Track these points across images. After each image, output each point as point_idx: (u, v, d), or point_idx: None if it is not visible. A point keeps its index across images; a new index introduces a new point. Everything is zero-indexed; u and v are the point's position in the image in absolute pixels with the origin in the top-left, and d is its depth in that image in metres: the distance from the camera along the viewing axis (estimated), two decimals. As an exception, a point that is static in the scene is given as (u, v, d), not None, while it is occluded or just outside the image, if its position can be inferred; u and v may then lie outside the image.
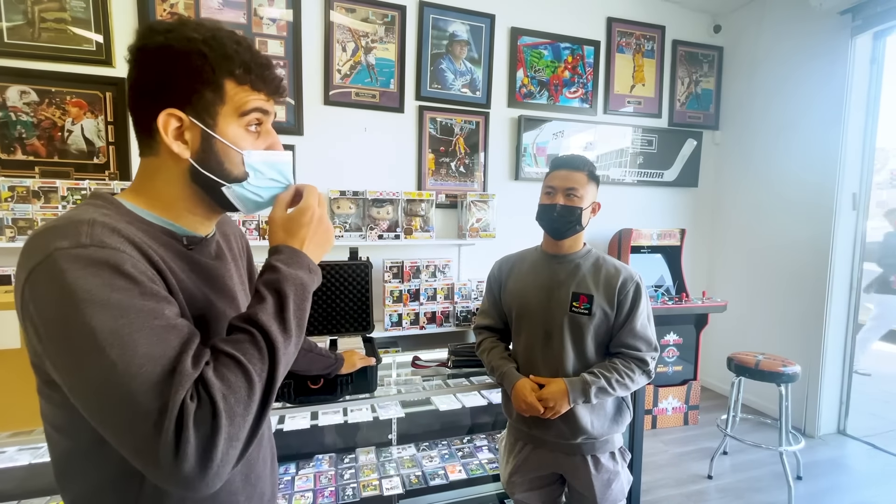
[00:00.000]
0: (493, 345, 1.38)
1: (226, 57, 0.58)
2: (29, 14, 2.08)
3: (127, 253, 0.52)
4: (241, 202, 0.65)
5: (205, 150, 0.60)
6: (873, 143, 2.74)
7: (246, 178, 0.63)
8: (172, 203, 0.63)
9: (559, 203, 1.25)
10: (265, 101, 0.63)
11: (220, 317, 0.66)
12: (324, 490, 1.80)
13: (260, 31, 2.40)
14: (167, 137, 0.58)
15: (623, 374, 1.20)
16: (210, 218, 0.68)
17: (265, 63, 0.62)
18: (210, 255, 0.69)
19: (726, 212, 3.49)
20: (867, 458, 2.63)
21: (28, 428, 1.06)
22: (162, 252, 0.58)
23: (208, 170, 0.61)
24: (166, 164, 0.61)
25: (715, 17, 3.39)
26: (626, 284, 1.24)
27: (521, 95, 2.93)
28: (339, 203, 2.43)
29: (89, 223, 0.52)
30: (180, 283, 0.59)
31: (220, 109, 0.59)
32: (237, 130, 0.61)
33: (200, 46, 0.57)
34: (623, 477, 1.31)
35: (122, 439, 0.49)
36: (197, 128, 0.59)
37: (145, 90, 0.59)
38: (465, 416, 2.32)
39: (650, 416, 2.93)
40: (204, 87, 0.58)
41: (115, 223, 0.53)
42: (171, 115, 0.57)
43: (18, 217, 1.99)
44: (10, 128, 2.10)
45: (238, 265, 0.78)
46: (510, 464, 1.36)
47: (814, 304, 2.84)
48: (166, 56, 0.57)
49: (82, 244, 0.50)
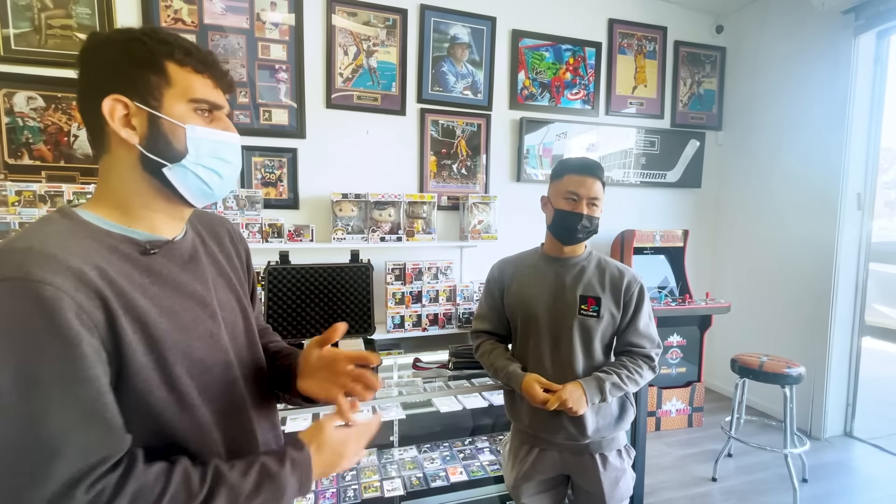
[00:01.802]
0: (493, 346, 1.37)
1: (163, 42, 0.60)
2: (35, 21, 2.12)
3: (55, 286, 0.49)
4: (184, 186, 0.62)
5: (152, 133, 0.59)
6: (878, 143, 2.73)
7: (187, 153, 0.61)
8: (129, 202, 0.62)
9: (584, 213, 1.24)
10: (213, 89, 0.63)
11: (187, 326, 0.62)
12: (325, 492, 1.80)
13: (262, 35, 2.42)
14: (114, 124, 0.58)
15: (632, 371, 1.23)
16: (173, 215, 0.66)
17: (207, 51, 0.63)
18: (180, 258, 0.66)
19: (729, 213, 3.47)
20: (874, 460, 2.60)
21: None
22: (116, 266, 0.56)
23: (156, 153, 0.60)
24: (118, 158, 0.61)
25: (717, 18, 3.38)
26: (631, 285, 1.27)
27: (522, 97, 2.94)
28: (341, 206, 2.45)
29: (23, 251, 0.50)
30: (126, 297, 0.56)
31: (166, 92, 0.60)
32: (183, 109, 0.61)
33: (138, 35, 0.59)
34: (629, 474, 1.32)
35: None
36: (143, 112, 0.59)
37: (90, 85, 0.60)
38: (467, 418, 2.32)
39: (654, 419, 2.91)
40: (146, 70, 0.59)
41: (52, 249, 0.51)
42: (116, 100, 0.58)
43: (25, 221, 2.01)
44: (18, 133, 2.13)
45: (218, 266, 0.73)
46: (516, 468, 1.35)
47: (819, 304, 2.82)
48: (106, 49, 0.59)
49: (5, 278, 0.48)
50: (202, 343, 0.64)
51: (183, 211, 0.67)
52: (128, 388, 0.55)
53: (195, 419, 0.61)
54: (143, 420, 0.57)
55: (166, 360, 0.58)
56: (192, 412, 0.61)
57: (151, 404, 0.57)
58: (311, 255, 2.43)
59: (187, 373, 0.61)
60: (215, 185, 0.65)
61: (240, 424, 0.68)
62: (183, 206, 0.66)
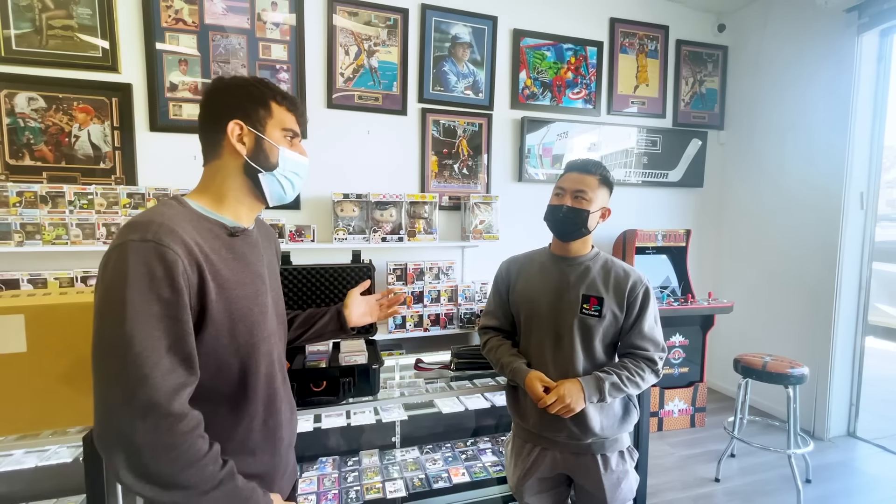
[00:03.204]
0: (499, 343, 1.38)
1: (271, 88, 0.87)
2: (36, 21, 2.11)
3: (175, 251, 0.70)
4: (269, 189, 0.88)
5: (256, 149, 0.85)
6: (881, 142, 2.71)
7: (277, 166, 0.87)
8: (226, 195, 0.85)
9: (566, 204, 1.26)
10: (296, 123, 0.90)
11: (250, 295, 0.84)
12: (327, 493, 1.80)
13: (263, 35, 2.42)
14: (232, 139, 0.82)
15: (633, 373, 1.22)
16: (252, 209, 0.90)
17: (293, 96, 0.91)
18: (249, 243, 0.88)
19: (732, 212, 3.46)
20: (878, 460, 2.59)
21: (34, 431, 1.07)
22: (210, 243, 0.78)
23: (256, 162, 0.85)
24: (226, 163, 0.84)
25: (719, 17, 3.37)
26: (635, 287, 1.25)
27: (523, 97, 2.93)
28: (342, 206, 2.44)
29: (158, 224, 0.71)
30: (214, 266, 0.77)
31: (269, 122, 0.86)
32: (278, 136, 0.87)
33: (254, 81, 0.86)
34: (632, 476, 1.31)
35: (99, 391, 0.68)
36: (252, 134, 0.84)
37: (217, 110, 0.84)
38: (469, 419, 2.31)
39: (656, 419, 2.90)
40: (259, 106, 0.85)
41: (174, 225, 0.72)
42: (237, 124, 0.83)
43: (27, 222, 2.02)
44: (19, 134, 2.13)
45: (269, 257, 0.97)
46: (518, 467, 1.35)
47: (822, 304, 2.81)
48: (234, 88, 0.85)
49: (146, 239, 0.69)
50: (259, 309, 0.85)
51: (259, 208, 0.92)
52: (205, 334, 0.75)
53: (244, 362, 0.82)
54: (207, 360, 0.76)
55: (234, 317, 0.79)
56: (242, 356, 0.82)
57: (217, 349, 0.78)
58: (313, 255, 2.43)
59: (246, 329, 0.82)
60: (288, 192, 0.91)
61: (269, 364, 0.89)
62: (261, 204, 0.91)
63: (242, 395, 0.83)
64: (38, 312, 1.00)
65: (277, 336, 0.93)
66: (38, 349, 1.00)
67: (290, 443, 0.98)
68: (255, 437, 0.85)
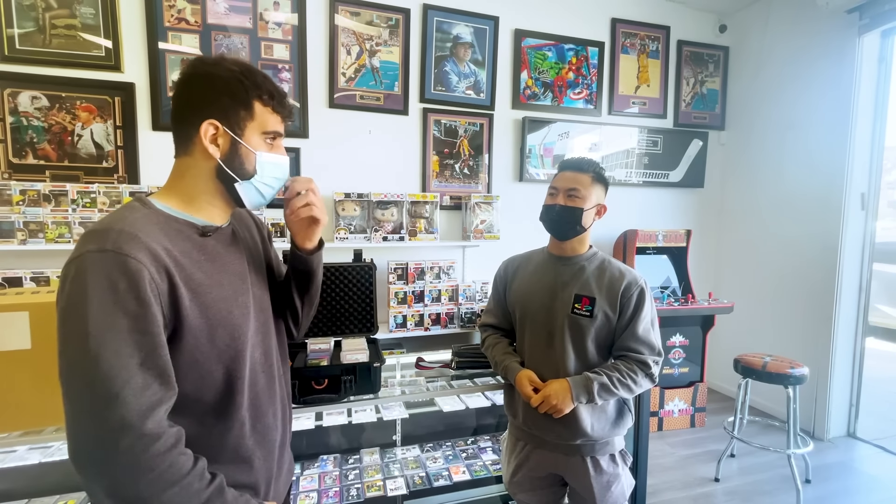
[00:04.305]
0: (496, 341, 1.39)
1: (256, 85, 0.76)
2: (40, 21, 2.12)
3: (138, 259, 0.64)
4: (246, 196, 0.80)
5: (231, 153, 0.76)
6: (882, 143, 2.71)
7: (255, 174, 0.78)
8: (196, 196, 0.78)
9: (559, 203, 1.26)
10: (280, 124, 0.81)
11: (229, 296, 0.78)
12: (328, 490, 1.81)
13: (265, 35, 2.43)
14: (205, 140, 0.74)
15: (625, 375, 1.19)
16: (225, 210, 0.82)
17: (283, 93, 0.80)
18: (226, 241, 0.82)
19: (732, 212, 3.46)
20: (877, 461, 2.60)
21: (38, 427, 1.08)
22: (179, 246, 0.72)
23: (231, 168, 0.77)
24: (197, 163, 0.76)
25: (720, 17, 3.37)
26: (629, 288, 1.23)
27: (525, 97, 2.93)
28: (343, 205, 2.45)
29: (117, 231, 0.65)
30: (185, 271, 0.71)
31: (248, 124, 0.77)
32: (258, 140, 0.78)
33: (239, 76, 0.75)
34: (624, 480, 1.30)
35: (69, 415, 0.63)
36: (228, 136, 0.75)
37: (191, 104, 0.75)
38: (469, 418, 2.32)
39: (656, 419, 2.91)
40: (240, 107, 0.75)
41: (136, 230, 0.66)
42: (211, 124, 0.74)
43: (30, 220, 2.03)
44: (22, 133, 2.14)
45: (250, 249, 0.90)
46: (511, 464, 1.36)
47: (822, 304, 2.81)
48: (213, 80, 0.74)
49: (105, 249, 0.63)
50: (240, 311, 0.79)
51: (234, 208, 0.84)
52: (183, 343, 0.70)
53: (228, 368, 0.77)
54: (188, 371, 0.71)
55: (212, 322, 0.74)
56: (226, 362, 0.76)
57: (197, 357, 0.72)
58: (314, 254, 2.44)
59: (226, 332, 0.76)
60: (267, 196, 0.83)
61: (252, 366, 0.83)
62: (236, 206, 0.83)
63: (230, 402, 0.78)
64: (41, 310, 1.01)
65: (262, 334, 0.87)
66: (41, 346, 1.01)
67: (283, 441, 0.94)
68: (247, 444, 0.81)
